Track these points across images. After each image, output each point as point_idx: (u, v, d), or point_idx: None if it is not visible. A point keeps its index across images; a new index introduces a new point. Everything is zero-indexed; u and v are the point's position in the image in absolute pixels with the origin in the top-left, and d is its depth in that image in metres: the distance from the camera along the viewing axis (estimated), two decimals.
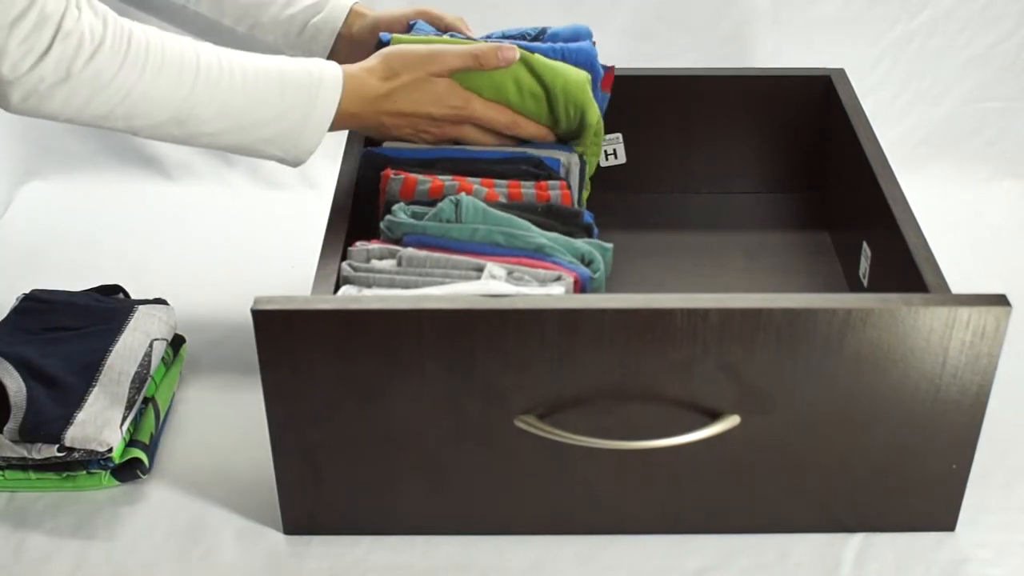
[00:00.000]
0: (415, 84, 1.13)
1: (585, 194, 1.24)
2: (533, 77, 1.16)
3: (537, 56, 1.16)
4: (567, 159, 1.17)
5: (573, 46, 1.20)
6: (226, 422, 1.17)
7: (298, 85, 1.08)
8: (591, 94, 1.17)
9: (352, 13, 1.25)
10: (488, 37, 1.24)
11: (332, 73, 1.10)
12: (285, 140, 1.09)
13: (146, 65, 1.02)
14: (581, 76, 1.17)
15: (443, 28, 1.24)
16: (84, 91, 1.00)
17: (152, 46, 1.03)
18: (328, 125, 1.10)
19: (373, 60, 1.13)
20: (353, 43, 1.25)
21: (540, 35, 1.25)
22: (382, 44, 1.20)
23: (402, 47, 1.15)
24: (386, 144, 1.18)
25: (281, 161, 1.12)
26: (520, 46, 1.18)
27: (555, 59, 1.18)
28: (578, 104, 1.17)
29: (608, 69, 1.23)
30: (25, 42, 0.97)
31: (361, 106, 1.12)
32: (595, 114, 1.18)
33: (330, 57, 1.24)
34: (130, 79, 1.01)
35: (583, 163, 1.19)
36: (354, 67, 1.12)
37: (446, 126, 1.16)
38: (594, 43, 1.23)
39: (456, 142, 1.18)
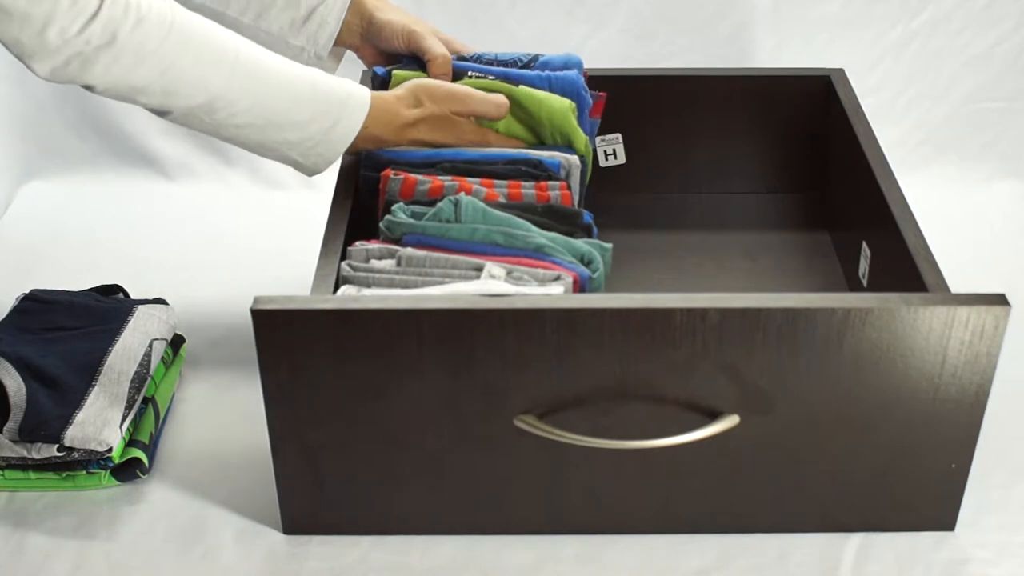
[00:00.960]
0: (439, 119, 1.15)
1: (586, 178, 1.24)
2: (519, 108, 1.19)
3: (523, 88, 1.19)
4: (567, 161, 1.17)
5: (560, 74, 1.22)
6: (226, 422, 1.17)
7: (329, 96, 1.10)
8: (574, 121, 1.19)
9: (356, 2, 1.25)
10: (479, 58, 1.25)
11: (361, 92, 1.12)
12: (307, 147, 1.11)
13: (189, 43, 1.03)
14: (564, 104, 1.19)
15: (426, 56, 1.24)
16: (127, 58, 1.01)
17: (196, 27, 1.04)
18: (351, 139, 1.12)
19: (401, 90, 1.16)
20: (360, 36, 1.26)
21: (532, 62, 1.25)
22: (377, 77, 1.23)
23: (431, 81, 1.17)
24: None
25: (297, 166, 1.13)
26: (510, 75, 1.21)
27: (542, 87, 1.21)
28: (563, 132, 1.20)
29: (599, 97, 1.25)
30: (74, 6, 0.98)
31: (386, 131, 1.14)
32: (580, 140, 1.20)
33: (334, 46, 1.26)
34: (172, 53, 1.02)
35: (584, 165, 1.19)
36: (384, 93, 1.15)
37: None
38: (585, 74, 1.25)
39: None
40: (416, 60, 1.24)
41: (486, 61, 1.25)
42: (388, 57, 1.27)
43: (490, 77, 1.21)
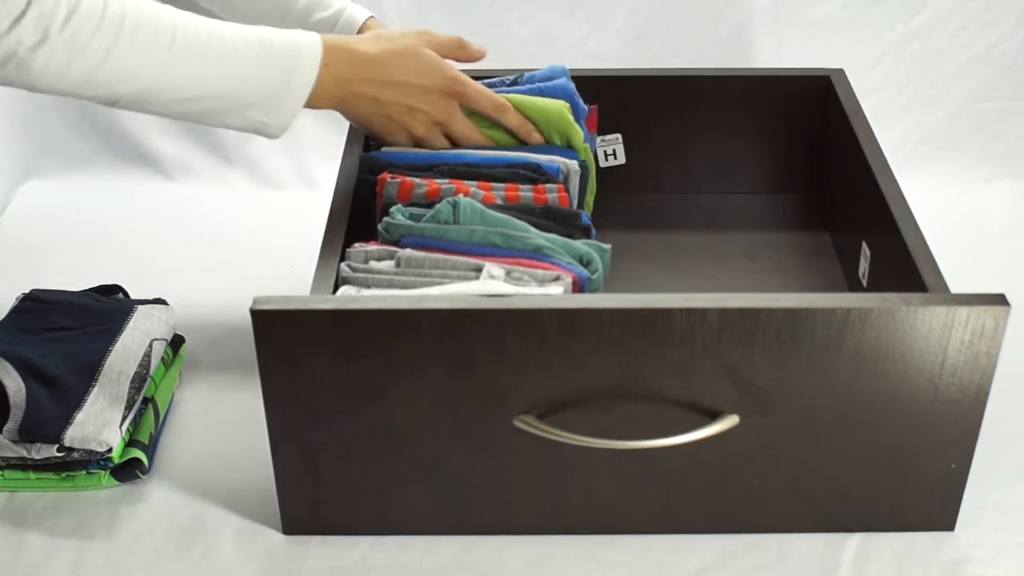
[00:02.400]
0: (407, 51, 1.12)
1: (590, 197, 1.24)
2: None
3: (514, 95, 1.19)
4: (566, 165, 1.17)
5: (550, 84, 1.22)
6: (226, 422, 1.17)
7: (277, 48, 1.07)
8: (571, 118, 1.19)
9: (365, 29, 1.23)
10: None
11: (311, 38, 1.08)
12: (267, 104, 1.07)
13: (122, 27, 1.00)
14: (558, 104, 1.19)
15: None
16: (63, 54, 0.99)
17: (128, 9, 1.01)
18: (310, 85, 1.08)
19: (365, 33, 1.13)
20: None
21: (517, 80, 1.25)
22: None
23: (405, 29, 1.15)
24: (384, 149, 1.19)
25: (263, 129, 1.09)
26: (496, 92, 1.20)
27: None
28: (561, 130, 1.19)
29: (591, 109, 1.25)
30: (2, 6, 0.96)
31: (352, 70, 1.10)
32: (578, 136, 1.20)
33: None
34: (107, 41, 1.00)
35: (584, 170, 1.19)
36: (343, 36, 1.12)
37: (436, 99, 1.14)
38: (572, 80, 1.25)
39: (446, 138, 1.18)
40: None
41: None
42: None
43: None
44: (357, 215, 1.14)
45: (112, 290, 1.29)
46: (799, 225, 1.41)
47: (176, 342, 1.24)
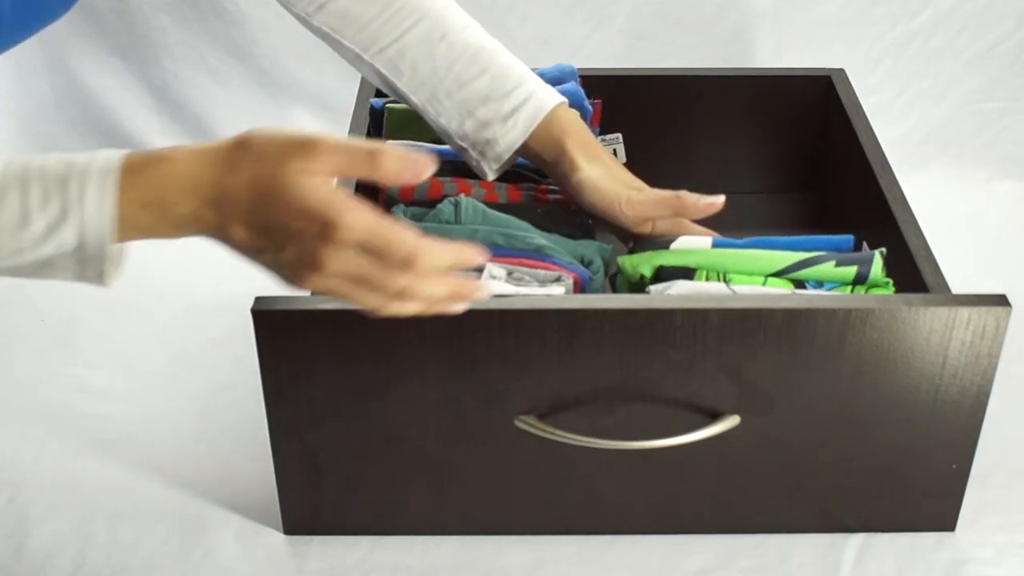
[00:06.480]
0: (262, 196, 0.76)
1: None
2: None
3: None
4: None
5: (560, 89, 1.21)
6: (226, 422, 1.17)
7: (57, 181, 0.76)
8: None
9: (555, 114, 1.07)
10: None
11: (105, 155, 0.78)
12: (67, 259, 0.79)
13: None
14: None
15: None
16: None
17: None
18: (109, 216, 0.76)
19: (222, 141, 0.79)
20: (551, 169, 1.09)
21: None
22: (374, 110, 1.21)
23: (264, 131, 0.78)
24: (388, 141, 1.19)
25: (82, 280, 0.82)
26: None
27: None
28: None
29: (595, 104, 1.25)
30: None
31: (178, 196, 0.77)
32: None
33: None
34: None
35: None
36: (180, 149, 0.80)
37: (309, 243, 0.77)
38: (579, 81, 1.25)
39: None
40: None
41: None
42: None
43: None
44: None
45: None
46: (799, 225, 1.41)
47: None
